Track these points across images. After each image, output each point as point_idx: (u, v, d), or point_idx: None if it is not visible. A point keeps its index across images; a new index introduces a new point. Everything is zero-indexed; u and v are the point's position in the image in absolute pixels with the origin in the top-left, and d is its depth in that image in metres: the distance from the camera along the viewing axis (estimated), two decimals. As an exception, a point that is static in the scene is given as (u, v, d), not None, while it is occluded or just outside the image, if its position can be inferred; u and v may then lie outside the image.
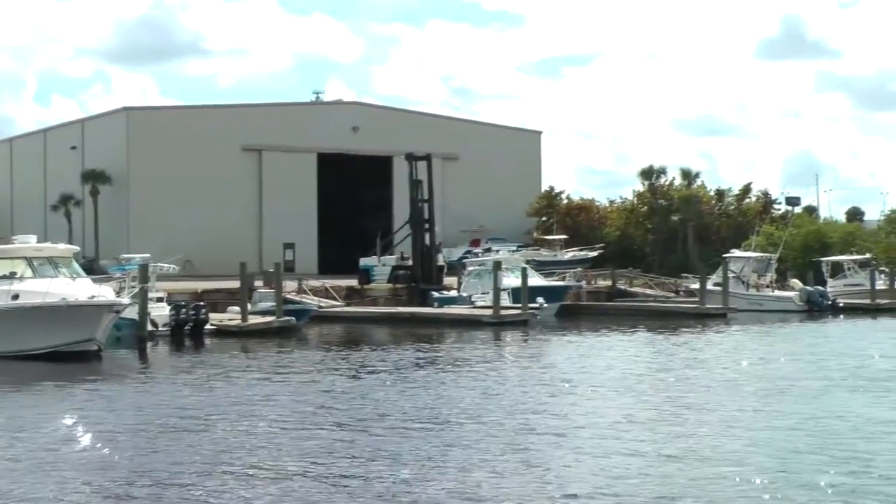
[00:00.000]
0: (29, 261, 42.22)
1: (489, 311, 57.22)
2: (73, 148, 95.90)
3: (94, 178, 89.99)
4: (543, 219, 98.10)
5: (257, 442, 22.58)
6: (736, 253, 73.83)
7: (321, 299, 61.50)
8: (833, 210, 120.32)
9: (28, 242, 44.30)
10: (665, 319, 61.34)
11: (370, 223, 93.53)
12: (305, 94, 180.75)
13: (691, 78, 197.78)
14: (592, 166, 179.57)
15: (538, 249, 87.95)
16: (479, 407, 27.18)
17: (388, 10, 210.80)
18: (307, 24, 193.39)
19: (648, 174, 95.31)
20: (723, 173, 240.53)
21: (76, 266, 43.88)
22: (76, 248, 46.78)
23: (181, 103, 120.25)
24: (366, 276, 71.42)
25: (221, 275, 70.24)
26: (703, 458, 20.51)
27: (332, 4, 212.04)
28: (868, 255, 78.19)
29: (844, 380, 32.66)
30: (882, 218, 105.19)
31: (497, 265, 59.13)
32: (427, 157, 70.63)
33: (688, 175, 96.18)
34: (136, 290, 44.11)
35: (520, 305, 58.20)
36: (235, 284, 60.90)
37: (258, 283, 60.15)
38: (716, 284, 67.32)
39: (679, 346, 45.59)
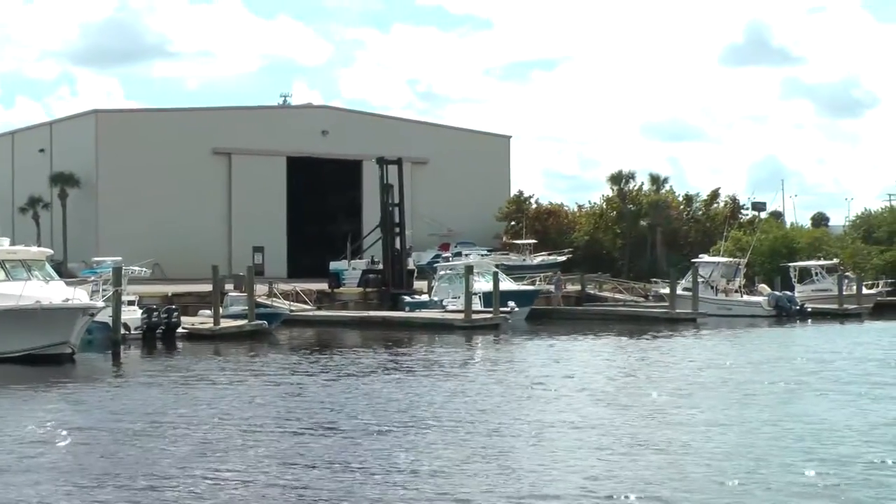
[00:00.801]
0: (2, 263, 42.07)
1: (461, 316, 57.39)
2: (42, 151, 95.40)
3: (63, 180, 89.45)
4: (512, 223, 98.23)
5: (228, 446, 22.73)
6: (705, 258, 74.23)
7: (292, 303, 61.51)
8: (798, 216, 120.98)
9: (1, 245, 44.05)
10: (635, 324, 61.71)
11: (339, 227, 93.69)
12: (272, 97, 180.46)
13: (658, 83, 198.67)
14: (559, 171, 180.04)
15: (507, 254, 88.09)
16: (452, 410, 27.42)
17: (354, 13, 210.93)
18: (273, 27, 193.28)
19: (618, 179, 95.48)
20: (689, 178, 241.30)
21: (49, 269, 43.77)
22: (49, 251, 46.54)
23: (150, 106, 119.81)
24: (336, 279, 71.36)
25: (190, 278, 70.14)
26: (668, 461, 20.78)
27: (299, 7, 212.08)
28: (835, 261, 78.67)
29: (813, 384, 33.01)
30: (847, 224, 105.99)
31: (469, 269, 59.26)
32: (398, 161, 70.67)
33: (656, 180, 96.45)
34: (110, 293, 43.99)
35: (491, 309, 58.36)
36: (205, 288, 60.81)
37: (229, 286, 60.07)
38: (685, 289, 67.71)
39: (650, 351, 45.82)
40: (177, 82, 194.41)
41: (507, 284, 63.25)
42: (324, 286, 69.48)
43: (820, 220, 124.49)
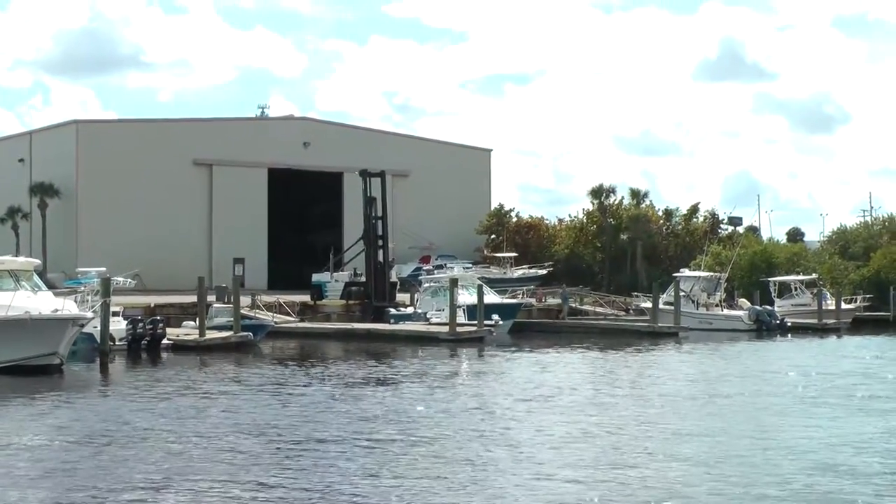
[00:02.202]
0: (-10, 274, 42.03)
1: (445, 328, 57.50)
2: (21, 161, 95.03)
3: (43, 190, 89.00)
4: (493, 236, 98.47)
5: (217, 458, 22.76)
6: (686, 272, 74.56)
7: (275, 315, 61.54)
8: (773, 231, 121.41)
9: (-12, 256, 44.02)
10: (618, 337, 62.00)
11: (320, 239, 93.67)
12: (248, 108, 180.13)
13: (632, 98, 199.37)
14: (534, 184, 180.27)
15: (488, 267, 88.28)
16: (437, 423, 27.58)
17: (331, 25, 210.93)
18: (250, 39, 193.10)
19: (598, 193, 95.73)
20: (663, 192, 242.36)
21: (37, 279, 43.66)
22: (37, 261, 46.44)
23: (125, 116, 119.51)
24: (318, 291, 71.38)
25: (170, 289, 70.14)
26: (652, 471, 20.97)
27: (275, 19, 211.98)
28: (814, 276, 79.19)
29: (802, 397, 33.29)
30: (823, 239, 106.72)
31: (454, 282, 59.41)
32: (381, 174, 70.79)
33: (637, 195, 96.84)
34: (99, 303, 43.94)
35: (475, 322, 58.52)
36: (188, 299, 61.00)
37: (211, 298, 60.00)
38: (666, 303, 67.95)
39: (633, 366, 46.01)
40: (152, 93, 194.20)
41: (490, 297, 63.42)
42: (305, 298, 69.47)
43: (795, 235, 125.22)
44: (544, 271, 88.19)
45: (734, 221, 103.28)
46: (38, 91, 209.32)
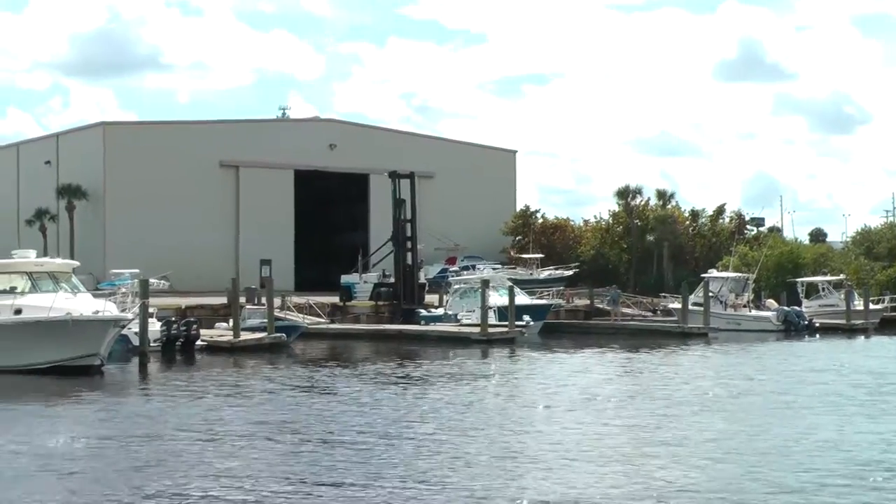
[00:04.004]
0: (30, 275, 42.31)
1: (477, 329, 57.63)
2: (48, 163, 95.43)
3: (70, 192, 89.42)
4: (518, 237, 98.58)
5: (261, 456, 23.06)
6: (714, 273, 74.49)
7: (305, 316, 61.73)
8: (795, 231, 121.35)
9: (27, 257, 44.23)
10: (647, 338, 61.97)
11: (345, 240, 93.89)
12: (266, 111, 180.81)
13: (650, 99, 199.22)
14: (553, 185, 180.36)
15: (514, 268, 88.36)
16: (480, 420, 27.89)
17: (349, 27, 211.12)
18: (268, 41, 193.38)
19: (624, 194, 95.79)
20: (681, 193, 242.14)
21: (75, 281, 43.90)
22: (75, 263, 46.54)
23: (149, 118, 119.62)
24: (347, 293, 71.46)
25: (198, 291, 70.33)
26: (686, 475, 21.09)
27: (293, 21, 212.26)
28: (842, 277, 79.09)
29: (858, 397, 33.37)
30: (847, 239, 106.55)
31: (485, 283, 59.56)
32: (410, 175, 70.85)
33: (663, 195, 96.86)
34: (138, 305, 44.15)
35: (506, 323, 58.65)
36: (217, 300, 61.22)
37: (241, 299, 60.13)
38: (694, 304, 67.92)
39: (667, 366, 46.05)
40: (170, 94, 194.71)
41: (521, 299, 63.44)
42: (331, 299, 69.54)
43: (818, 235, 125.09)
44: (570, 272, 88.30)
45: (756, 222, 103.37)
46: (56, 93, 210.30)
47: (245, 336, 52.27)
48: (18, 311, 40.41)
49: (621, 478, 20.55)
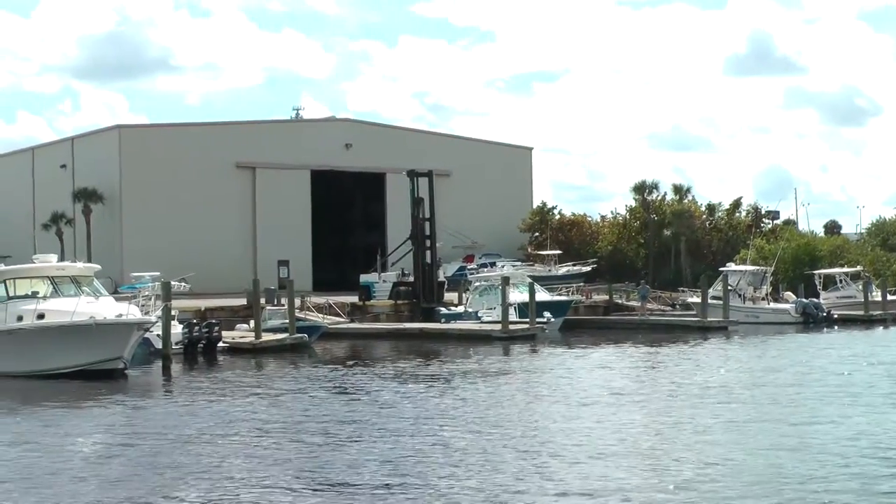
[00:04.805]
0: (51, 280, 42.41)
1: (498, 326, 57.65)
2: (63, 166, 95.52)
3: (86, 196, 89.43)
4: (536, 234, 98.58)
5: (282, 457, 23.14)
6: (732, 266, 74.42)
7: (326, 316, 61.75)
8: (810, 224, 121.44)
9: (49, 261, 44.31)
10: (667, 332, 61.96)
11: (363, 240, 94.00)
12: (277, 111, 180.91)
13: (661, 94, 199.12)
14: (567, 182, 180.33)
15: (532, 265, 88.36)
16: (503, 419, 27.99)
17: (359, 26, 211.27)
18: (278, 41, 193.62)
19: (641, 189, 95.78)
20: (696, 188, 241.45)
21: (97, 284, 43.97)
22: (97, 266, 46.50)
23: (160, 121, 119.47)
24: (366, 292, 71.44)
25: (215, 293, 70.37)
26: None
27: (303, 21, 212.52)
28: (859, 268, 79.05)
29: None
30: (863, 231, 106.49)
31: (506, 280, 59.56)
32: (429, 174, 70.88)
33: (679, 190, 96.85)
34: (161, 308, 44.22)
35: (527, 320, 58.65)
36: (237, 302, 61.32)
37: (261, 301, 60.19)
38: (713, 298, 67.85)
39: (689, 360, 46.01)
40: (180, 96, 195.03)
41: (541, 295, 63.41)
42: (351, 299, 69.53)
43: (832, 227, 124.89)
44: (588, 268, 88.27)
45: (771, 215, 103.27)
46: (66, 96, 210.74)
47: (267, 337, 52.30)
48: (41, 316, 40.51)
49: (649, 472, 20.66)
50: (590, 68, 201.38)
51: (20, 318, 40.87)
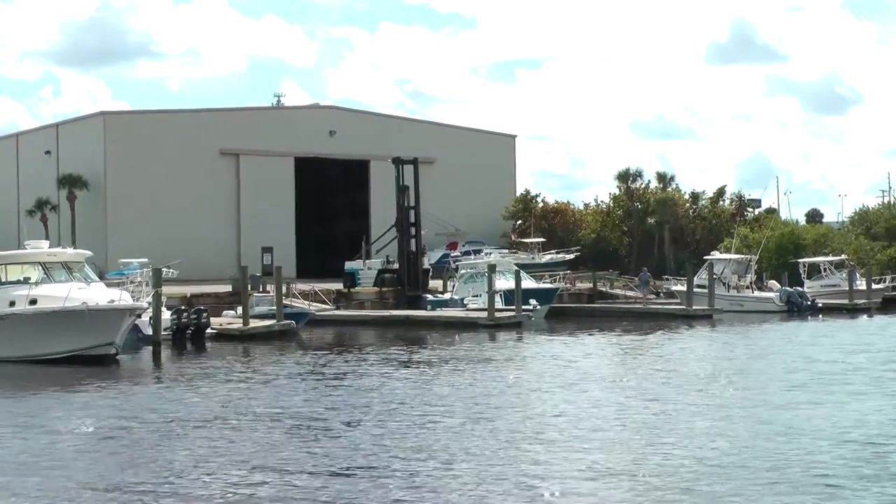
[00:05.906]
0: (43, 266, 42.52)
1: (484, 314, 57.87)
2: (48, 153, 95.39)
3: (71, 182, 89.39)
4: (519, 222, 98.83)
5: (273, 442, 23.35)
6: (717, 255, 74.76)
7: (311, 303, 61.89)
8: (791, 212, 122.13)
9: (40, 248, 44.42)
10: (652, 320, 62.18)
11: (347, 227, 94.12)
12: (259, 97, 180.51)
13: (643, 82, 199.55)
14: (549, 169, 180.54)
15: (516, 252, 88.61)
16: (493, 406, 28.17)
17: (341, 12, 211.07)
18: (260, 27, 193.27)
19: (625, 177, 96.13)
20: (678, 176, 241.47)
21: (88, 270, 44.11)
22: (89, 252, 46.64)
23: (142, 107, 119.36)
24: (351, 279, 71.64)
25: (199, 279, 70.35)
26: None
27: (285, 7, 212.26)
28: (843, 257, 79.52)
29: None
30: (845, 220, 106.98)
31: (492, 268, 59.79)
32: (414, 161, 71.01)
33: (663, 178, 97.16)
34: (151, 294, 44.35)
35: (513, 307, 58.86)
36: (222, 289, 61.43)
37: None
38: (697, 286, 68.14)
39: (675, 347, 46.37)
40: (162, 82, 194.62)
41: (527, 283, 63.62)
42: (335, 286, 69.66)
43: (814, 216, 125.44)
44: (571, 256, 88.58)
45: (753, 204, 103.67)
46: (48, 82, 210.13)
47: (255, 324, 52.44)
48: (33, 302, 40.64)
49: (633, 456, 20.94)
50: (573, 56, 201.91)
51: (12, 304, 40.98)
